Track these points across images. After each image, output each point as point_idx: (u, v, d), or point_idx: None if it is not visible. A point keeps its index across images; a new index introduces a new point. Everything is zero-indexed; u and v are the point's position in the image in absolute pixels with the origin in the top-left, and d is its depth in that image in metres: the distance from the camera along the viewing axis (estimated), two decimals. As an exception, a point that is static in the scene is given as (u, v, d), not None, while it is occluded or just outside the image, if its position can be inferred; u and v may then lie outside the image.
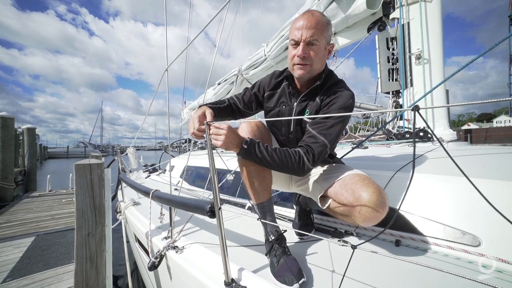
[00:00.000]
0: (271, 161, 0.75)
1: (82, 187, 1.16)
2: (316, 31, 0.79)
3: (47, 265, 2.16)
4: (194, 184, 2.31)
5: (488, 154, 1.10)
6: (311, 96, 0.88)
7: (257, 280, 0.70)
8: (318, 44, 0.81)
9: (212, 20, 1.21)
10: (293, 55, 0.83)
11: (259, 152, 0.75)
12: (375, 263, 0.75)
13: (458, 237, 0.78)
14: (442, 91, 1.53)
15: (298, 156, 0.77)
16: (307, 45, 0.80)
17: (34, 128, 7.19)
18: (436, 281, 0.65)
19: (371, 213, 0.69)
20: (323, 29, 0.81)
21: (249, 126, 0.84)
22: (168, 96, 1.47)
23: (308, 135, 0.82)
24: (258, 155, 0.75)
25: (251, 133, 0.83)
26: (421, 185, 0.92)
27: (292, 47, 0.84)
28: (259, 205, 0.85)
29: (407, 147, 1.48)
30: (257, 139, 0.80)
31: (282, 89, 0.95)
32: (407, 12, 1.54)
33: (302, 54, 0.80)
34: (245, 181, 0.85)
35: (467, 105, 0.44)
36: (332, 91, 0.85)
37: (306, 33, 0.79)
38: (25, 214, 3.89)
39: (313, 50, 0.81)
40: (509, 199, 0.73)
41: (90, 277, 1.08)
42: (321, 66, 0.86)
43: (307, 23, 0.79)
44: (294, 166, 0.76)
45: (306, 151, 0.78)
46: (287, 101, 0.93)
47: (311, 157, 0.77)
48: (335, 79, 0.90)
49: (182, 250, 0.97)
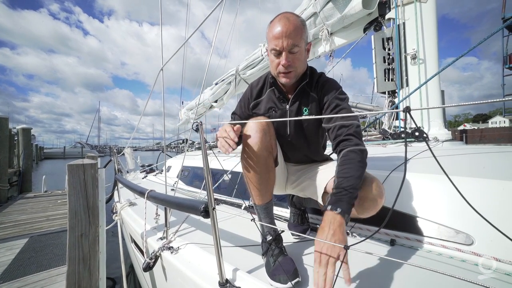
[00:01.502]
0: (359, 181, 0.67)
1: (75, 188, 1.14)
2: (296, 37, 0.77)
3: (40, 267, 2.12)
4: (191, 184, 2.30)
5: (482, 153, 1.11)
6: (302, 95, 0.88)
7: (251, 280, 0.70)
8: (299, 49, 0.79)
9: (206, 19, 1.21)
10: (277, 63, 0.81)
11: (353, 193, 0.65)
12: (369, 263, 0.75)
13: (452, 236, 0.79)
14: (437, 92, 1.54)
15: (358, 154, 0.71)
16: (289, 53, 0.79)
17: (30, 129, 7.09)
18: (430, 279, 0.65)
19: (370, 202, 0.70)
20: (301, 32, 0.79)
21: (259, 124, 0.80)
22: (163, 96, 1.46)
23: (337, 129, 0.77)
24: (354, 195, 0.65)
25: (262, 131, 0.79)
26: (416, 184, 0.92)
27: (274, 56, 0.81)
28: (262, 206, 0.83)
29: (403, 147, 1.48)
30: (266, 137, 0.79)
31: (268, 96, 0.92)
32: (402, 13, 1.55)
33: (286, 63, 0.79)
34: (249, 183, 0.83)
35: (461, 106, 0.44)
36: (321, 83, 0.86)
37: (287, 41, 0.77)
38: (19, 215, 3.82)
39: (295, 56, 0.80)
40: (506, 197, 0.74)
41: (82, 279, 1.06)
42: (304, 68, 0.85)
43: (286, 30, 0.76)
44: (364, 162, 0.71)
45: (350, 143, 0.73)
46: (277, 105, 0.90)
47: (359, 141, 0.74)
48: (317, 73, 0.90)
49: (177, 250, 0.96)
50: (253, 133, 0.79)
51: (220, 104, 3.90)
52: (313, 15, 1.83)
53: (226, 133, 0.73)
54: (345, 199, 0.63)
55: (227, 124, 0.77)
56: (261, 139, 0.78)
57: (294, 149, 0.95)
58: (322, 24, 1.81)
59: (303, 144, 0.92)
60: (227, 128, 0.74)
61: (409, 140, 1.47)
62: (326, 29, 1.81)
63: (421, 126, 1.52)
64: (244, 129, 0.81)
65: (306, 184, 0.96)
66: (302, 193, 1.00)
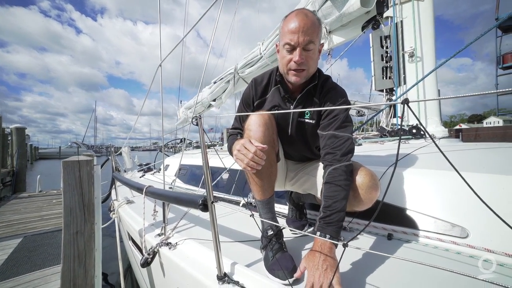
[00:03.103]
0: (346, 201, 0.69)
1: (70, 185, 1.12)
2: (312, 34, 0.74)
3: (34, 267, 2.08)
4: (189, 183, 2.29)
5: (477, 149, 1.13)
6: (307, 98, 0.85)
7: (250, 274, 0.69)
8: (313, 47, 0.76)
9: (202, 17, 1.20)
10: (289, 59, 0.77)
11: (341, 216, 0.67)
12: (367, 257, 0.75)
13: (448, 230, 0.80)
14: (434, 89, 1.56)
15: (343, 172, 0.71)
16: (303, 50, 0.75)
17: (24, 128, 6.98)
18: (426, 272, 0.65)
19: (365, 195, 0.71)
20: (318, 30, 0.76)
21: (262, 118, 0.78)
22: (162, 92, 1.45)
23: (327, 138, 0.78)
24: (343, 218, 0.68)
25: (265, 125, 0.77)
26: (413, 180, 0.93)
27: (286, 51, 0.77)
28: (264, 201, 0.82)
29: (401, 144, 1.49)
30: (269, 131, 0.78)
31: (272, 94, 0.89)
32: (400, 11, 1.56)
33: (300, 60, 0.75)
34: (250, 178, 0.81)
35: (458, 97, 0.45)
36: (325, 89, 0.84)
37: (303, 37, 0.73)
38: (12, 215, 3.75)
39: (309, 54, 0.77)
40: (502, 191, 0.75)
41: (77, 276, 1.04)
42: (315, 69, 0.83)
43: (303, 25, 0.73)
44: (349, 179, 0.71)
45: (335, 157, 0.73)
46: (281, 105, 0.87)
47: (344, 156, 0.74)
48: (324, 76, 0.88)
49: (175, 246, 0.95)
50: (256, 127, 0.77)
51: (219, 103, 3.89)
52: (312, 13, 1.83)
53: (248, 151, 0.69)
54: (334, 223, 0.66)
55: (246, 141, 0.72)
56: (264, 133, 0.76)
57: (294, 148, 0.95)
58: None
59: (303, 145, 0.92)
60: (248, 145, 0.70)
61: (405, 138, 1.48)
62: (324, 27, 1.82)
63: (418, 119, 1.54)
64: (246, 123, 0.79)
65: (304, 179, 0.96)
66: (301, 189, 1.00)
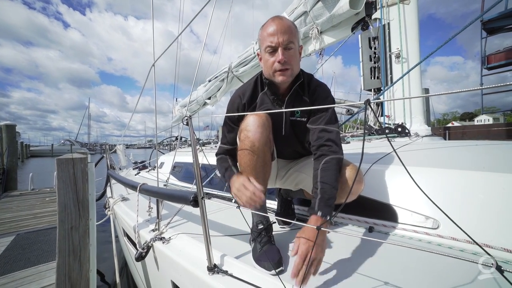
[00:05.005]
0: (337, 188, 0.74)
1: (65, 182, 1.14)
2: (290, 35, 0.79)
3: (28, 263, 2.09)
4: (183, 180, 2.32)
5: (455, 147, 1.20)
6: (296, 97, 0.89)
7: (238, 264, 0.74)
8: (294, 47, 0.81)
9: (198, 14, 1.23)
10: (273, 61, 0.80)
11: (330, 206, 0.72)
12: (349, 248, 0.81)
13: (422, 222, 0.86)
14: (419, 89, 1.63)
15: (338, 163, 0.77)
16: (284, 50, 0.79)
17: (14, 125, 6.82)
18: (402, 261, 0.72)
19: (350, 187, 0.75)
20: (295, 32, 0.81)
21: (260, 119, 0.80)
22: (155, 91, 1.47)
23: (318, 131, 0.82)
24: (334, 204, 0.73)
25: (262, 126, 0.79)
26: (393, 176, 0.99)
27: (269, 54, 0.81)
28: None
29: (387, 142, 1.56)
30: (266, 131, 0.80)
31: (261, 99, 0.90)
32: (387, 13, 1.62)
33: (283, 59, 0.78)
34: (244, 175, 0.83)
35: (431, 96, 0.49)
36: (312, 87, 0.89)
37: (282, 37, 0.77)
38: (4, 214, 3.71)
39: (291, 53, 0.80)
40: (469, 186, 0.81)
41: (73, 270, 1.07)
42: (298, 69, 0.86)
43: (280, 27, 0.78)
44: (340, 170, 0.77)
45: (331, 149, 0.78)
46: (273, 108, 0.89)
47: (338, 148, 0.79)
48: (308, 75, 0.92)
49: (168, 240, 0.99)
50: (255, 127, 0.78)
51: (214, 101, 3.90)
52: (304, 13, 1.87)
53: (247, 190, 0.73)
54: (331, 206, 0.72)
55: (244, 179, 0.76)
56: (262, 134, 0.79)
57: (288, 146, 0.98)
58: (312, 23, 1.85)
59: (296, 142, 0.96)
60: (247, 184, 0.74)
61: (391, 136, 1.55)
62: (316, 27, 1.86)
63: (403, 122, 1.61)
64: (243, 124, 0.81)
65: (295, 176, 1.00)
66: (292, 186, 1.04)
